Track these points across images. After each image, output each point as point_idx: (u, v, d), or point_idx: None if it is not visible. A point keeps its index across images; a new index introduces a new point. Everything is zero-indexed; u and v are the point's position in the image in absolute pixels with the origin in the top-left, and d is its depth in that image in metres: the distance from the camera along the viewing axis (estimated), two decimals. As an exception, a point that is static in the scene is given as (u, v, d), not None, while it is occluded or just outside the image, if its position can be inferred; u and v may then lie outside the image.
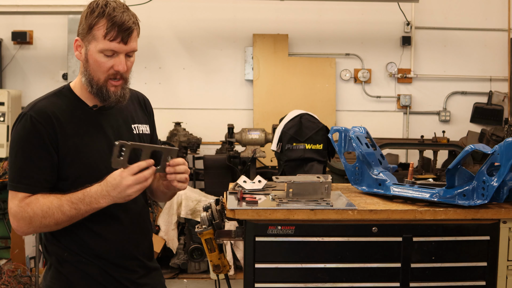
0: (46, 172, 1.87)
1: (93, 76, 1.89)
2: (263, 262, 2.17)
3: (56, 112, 1.88)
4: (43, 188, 1.86)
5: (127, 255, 2.02)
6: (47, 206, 1.82)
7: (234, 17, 6.86)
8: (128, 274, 2.02)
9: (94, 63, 1.88)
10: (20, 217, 1.83)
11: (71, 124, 1.90)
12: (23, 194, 1.84)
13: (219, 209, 2.41)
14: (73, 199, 1.82)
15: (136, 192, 1.81)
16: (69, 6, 5.85)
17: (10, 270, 4.71)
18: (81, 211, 1.82)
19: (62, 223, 1.84)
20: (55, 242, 1.95)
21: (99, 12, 1.83)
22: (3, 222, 5.46)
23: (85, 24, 1.86)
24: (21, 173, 1.85)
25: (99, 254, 1.96)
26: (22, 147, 1.86)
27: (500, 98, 6.84)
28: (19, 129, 1.87)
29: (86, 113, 1.95)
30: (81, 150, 1.90)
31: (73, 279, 1.94)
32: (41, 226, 1.84)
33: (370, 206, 2.24)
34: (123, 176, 1.78)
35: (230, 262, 5.15)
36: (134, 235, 2.05)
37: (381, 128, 6.75)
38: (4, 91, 6.20)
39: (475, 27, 6.89)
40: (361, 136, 2.59)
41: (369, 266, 2.19)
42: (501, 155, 2.10)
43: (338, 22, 6.88)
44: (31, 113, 1.87)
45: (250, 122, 6.85)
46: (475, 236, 2.21)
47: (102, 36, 1.83)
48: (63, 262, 1.95)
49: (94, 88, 1.90)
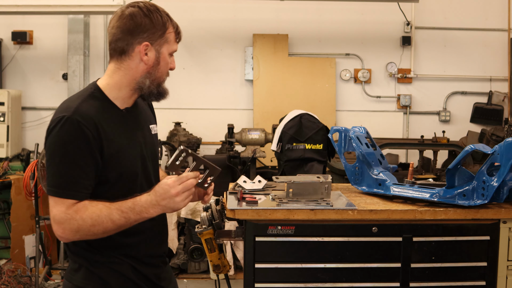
0: (91, 178, 1.85)
1: (160, 77, 1.97)
2: (263, 262, 2.17)
3: (98, 116, 1.87)
4: (87, 195, 1.84)
5: (155, 252, 2.08)
6: (97, 215, 1.80)
7: (234, 17, 6.86)
8: (155, 270, 2.08)
9: (164, 64, 1.97)
10: (67, 225, 1.80)
11: (109, 127, 1.90)
12: (70, 201, 1.81)
13: (219, 209, 2.41)
14: (123, 208, 1.82)
15: (184, 200, 1.84)
16: (69, 6, 5.85)
17: (10, 270, 4.70)
18: (130, 220, 1.83)
19: (110, 231, 1.84)
20: (85, 246, 1.94)
21: (164, 17, 1.96)
22: (3, 222, 5.46)
23: (155, 29, 1.93)
24: (68, 179, 1.81)
25: (131, 254, 1.99)
26: (68, 152, 1.81)
27: (500, 98, 6.84)
28: (64, 133, 1.82)
29: (118, 115, 1.96)
30: (121, 154, 1.91)
31: (107, 278, 1.95)
32: (89, 234, 1.82)
33: (370, 206, 2.24)
34: (171, 185, 1.82)
35: (230, 262, 5.14)
36: (160, 233, 2.11)
37: (381, 128, 6.75)
38: (4, 91, 6.20)
39: (475, 27, 6.89)
40: (361, 136, 2.59)
41: (369, 266, 2.19)
42: (501, 155, 2.10)
43: (338, 22, 6.88)
44: (76, 117, 1.82)
45: (250, 122, 6.85)
46: (475, 236, 2.21)
47: (173, 39, 1.98)
48: (94, 263, 1.95)
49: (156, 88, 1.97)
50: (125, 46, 1.92)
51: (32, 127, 6.84)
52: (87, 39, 6.66)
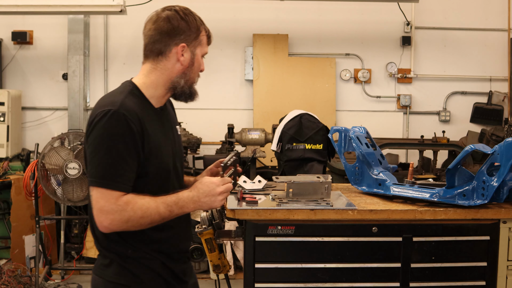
0: (134, 171, 1.92)
1: (193, 77, 2.10)
2: (263, 262, 2.17)
3: (140, 111, 1.95)
4: (131, 187, 1.91)
5: (183, 247, 2.15)
6: (146, 207, 1.88)
7: (234, 17, 6.86)
8: (182, 265, 2.14)
9: (198, 65, 2.10)
10: (117, 216, 1.86)
11: (148, 123, 1.97)
12: (118, 193, 1.87)
13: (219, 209, 2.41)
14: (168, 202, 1.91)
15: (223, 200, 1.97)
16: (69, 6, 5.84)
17: (10, 270, 4.70)
18: (173, 214, 1.92)
19: (154, 223, 1.91)
20: (119, 240, 1.99)
21: (198, 20, 2.08)
22: (3, 222, 5.46)
23: (191, 31, 2.05)
24: (115, 171, 1.87)
25: (161, 248, 2.04)
26: (115, 145, 1.87)
27: (500, 98, 6.84)
28: (110, 126, 1.87)
29: (154, 113, 2.04)
30: (158, 149, 1.99)
31: (138, 273, 2.01)
32: (136, 225, 1.89)
33: (370, 206, 2.24)
34: (216, 184, 1.95)
35: (230, 262, 5.14)
36: (186, 231, 2.18)
37: (381, 128, 6.75)
38: (4, 91, 6.20)
39: (475, 27, 6.89)
40: (361, 136, 2.59)
41: (369, 266, 2.19)
42: (501, 155, 2.11)
43: (338, 22, 6.88)
44: (123, 111, 1.89)
45: (250, 122, 6.85)
46: (475, 236, 2.21)
47: (206, 42, 2.11)
48: (126, 258, 2.01)
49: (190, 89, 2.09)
50: (162, 47, 2.02)
51: (32, 127, 6.84)
52: (87, 39, 6.66)
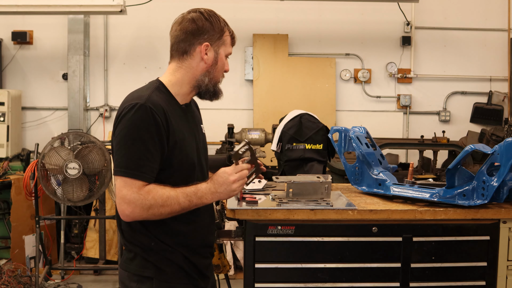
0: (158, 162, 1.98)
1: (217, 76, 2.16)
2: (263, 262, 2.17)
3: (165, 106, 2.02)
4: (154, 178, 1.97)
5: (206, 242, 2.17)
6: (166, 196, 1.94)
7: (234, 17, 6.85)
8: (203, 259, 2.16)
9: (221, 65, 2.17)
10: (139, 204, 1.92)
11: (174, 118, 2.05)
12: (142, 182, 1.93)
13: (219, 209, 2.41)
14: (187, 192, 1.97)
15: (239, 187, 2.00)
16: (69, 6, 5.84)
17: (10, 270, 4.70)
18: (192, 204, 1.97)
19: (174, 213, 1.97)
20: (144, 232, 2.04)
21: (222, 22, 2.14)
22: (3, 222, 5.46)
23: (215, 31, 2.12)
24: (139, 162, 1.94)
25: (184, 241, 2.08)
26: (141, 136, 1.94)
27: (500, 98, 6.84)
28: (137, 118, 1.95)
29: (179, 110, 2.12)
30: (183, 143, 2.06)
31: (161, 266, 2.06)
32: (156, 214, 1.95)
33: (370, 206, 2.24)
34: (229, 173, 1.99)
35: (230, 262, 5.14)
36: (211, 224, 2.21)
37: (381, 128, 6.75)
38: (4, 91, 6.20)
39: (475, 27, 6.89)
40: (361, 136, 2.59)
41: (369, 266, 2.19)
42: (501, 155, 2.11)
43: (338, 22, 6.88)
44: (148, 104, 1.97)
45: (250, 122, 6.85)
46: (475, 236, 2.21)
47: (229, 42, 2.18)
48: (149, 251, 2.05)
49: (213, 87, 2.15)
50: (187, 47, 2.11)
51: (32, 127, 6.84)
52: (87, 39, 6.66)
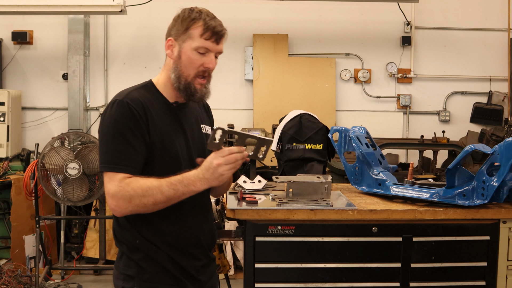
0: (141, 154, 1.98)
1: (184, 72, 2.05)
2: (263, 262, 2.17)
3: (146, 102, 2.02)
4: (138, 170, 1.96)
5: (194, 242, 2.11)
6: (147, 186, 1.91)
7: (234, 17, 6.85)
8: (193, 261, 2.10)
9: (187, 59, 2.04)
10: (120, 196, 1.91)
11: (157, 115, 2.03)
12: (123, 175, 1.93)
13: (219, 209, 2.41)
14: (172, 180, 1.92)
15: (227, 171, 1.91)
16: (69, 6, 5.84)
17: (10, 270, 4.71)
18: (178, 192, 1.92)
19: (159, 203, 1.92)
20: (129, 228, 2.04)
21: (195, 16, 2.05)
22: (3, 222, 5.46)
23: (181, 26, 2.05)
24: (120, 155, 1.94)
25: (170, 240, 2.05)
26: (120, 131, 1.95)
27: (500, 98, 6.84)
28: (115, 114, 1.97)
29: (168, 108, 2.09)
30: (166, 140, 2.03)
31: (143, 265, 2.04)
32: (140, 205, 1.91)
33: (370, 206, 2.24)
34: (213, 157, 1.92)
35: (230, 262, 5.14)
36: (201, 223, 2.14)
37: (381, 128, 6.75)
38: (4, 91, 6.20)
39: (475, 27, 6.89)
40: (361, 136, 2.59)
41: (369, 266, 2.19)
42: (501, 155, 2.11)
43: (338, 22, 6.88)
44: (126, 100, 1.98)
45: (250, 122, 6.85)
46: (475, 236, 2.21)
47: (198, 35, 2.03)
48: (134, 249, 2.04)
49: (182, 84, 2.06)
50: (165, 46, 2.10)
51: (32, 127, 6.83)
52: (87, 39, 6.66)
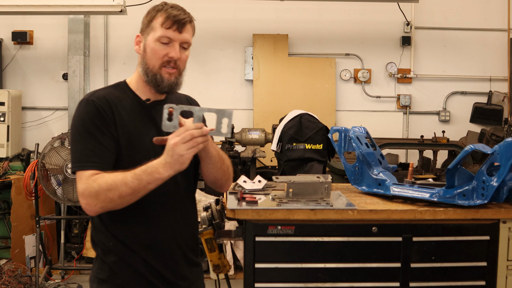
0: (111, 150, 1.95)
1: (149, 64, 2.02)
2: (263, 262, 2.17)
3: (114, 101, 2.01)
4: (107, 166, 1.92)
5: (170, 244, 2.05)
6: (112, 179, 1.86)
7: (234, 17, 6.86)
8: (171, 264, 2.05)
9: (150, 51, 2.01)
10: (87, 193, 1.87)
11: (127, 113, 2.01)
12: (91, 172, 1.90)
13: (219, 209, 2.41)
14: (137, 171, 1.86)
15: (185, 150, 1.80)
16: (69, 6, 5.84)
17: (10, 270, 4.71)
18: (143, 182, 1.84)
19: (126, 196, 1.85)
20: (103, 230, 2.01)
21: (158, 8, 2.03)
22: (3, 222, 5.46)
23: (146, 20, 2.04)
24: (88, 153, 1.92)
25: (143, 243, 2.00)
26: (87, 129, 1.94)
27: (500, 98, 6.84)
28: (81, 113, 1.97)
29: (140, 106, 2.06)
30: (135, 139, 1.99)
31: (115, 269, 2.00)
32: (106, 199, 1.86)
33: (370, 206, 2.24)
34: (170, 138, 1.82)
35: (230, 262, 5.15)
36: (177, 225, 2.07)
37: (381, 128, 6.75)
38: (4, 91, 6.20)
39: (475, 27, 6.89)
40: (361, 136, 2.59)
41: (369, 266, 2.19)
42: (500, 155, 2.11)
43: (338, 22, 6.88)
44: (92, 98, 1.98)
45: (250, 122, 6.85)
46: (475, 236, 2.21)
47: (159, 25, 2.00)
48: (107, 252, 2.01)
49: (150, 76, 2.02)
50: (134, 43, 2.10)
51: (32, 127, 6.84)
52: (87, 39, 6.66)
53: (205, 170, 2.07)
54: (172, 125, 1.83)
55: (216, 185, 2.18)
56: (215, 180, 2.14)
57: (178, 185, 2.06)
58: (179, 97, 2.22)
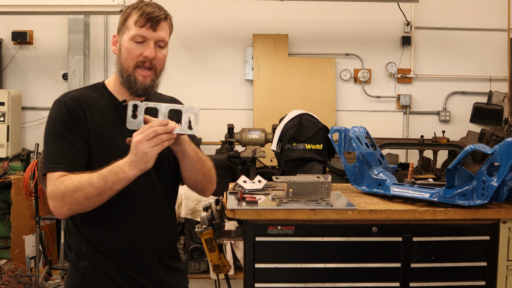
0: (82, 152, 1.90)
1: (124, 64, 1.96)
2: (263, 262, 2.17)
3: (87, 101, 1.96)
4: (77, 167, 1.87)
5: (145, 249, 2.00)
6: (78, 180, 1.81)
7: (234, 17, 6.86)
8: (146, 270, 2.00)
9: (125, 51, 1.96)
10: (54, 195, 1.83)
11: (100, 115, 1.96)
12: (59, 173, 1.85)
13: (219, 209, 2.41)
14: (102, 171, 1.80)
15: (149, 148, 1.74)
16: (69, 6, 5.85)
17: (10, 270, 4.71)
18: (108, 182, 1.78)
19: (92, 197, 1.80)
20: (76, 235, 1.97)
21: (133, 7, 1.98)
22: (3, 222, 5.46)
23: (121, 18, 1.99)
24: (57, 154, 1.88)
25: (116, 248, 1.95)
26: (57, 130, 1.91)
27: (500, 98, 6.84)
28: (53, 114, 1.94)
29: (116, 107, 2.01)
30: (107, 141, 1.94)
31: (88, 275, 1.96)
32: (73, 201, 1.80)
33: (370, 206, 2.24)
34: (133, 136, 1.76)
35: (230, 262, 5.14)
36: (153, 230, 2.02)
37: (381, 128, 6.75)
38: (4, 91, 6.20)
39: (475, 27, 6.89)
40: (361, 136, 2.59)
41: (369, 266, 2.19)
42: (501, 155, 2.10)
43: (338, 22, 6.88)
44: (64, 99, 1.95)
45: (250, 122, 6.85)
46: (475, 236, 2.21)
47: (133, 23, 1.94)
48: (80, 257, 1.97)
49: (124, 77, 1.97)
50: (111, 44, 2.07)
51: (32, 127, 6.84)
52: (87, 39, 6.66)
53: (184, 172, 2.02)
54: (137, 122, 1.78)
55: (197, 188, 2.12)
56: (196, 183, 2.08)
57: (155, 190, 2.01)
58: (163, 98, 2.14)
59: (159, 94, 2.15)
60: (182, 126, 1.81)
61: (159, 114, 1.81)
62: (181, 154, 1.94)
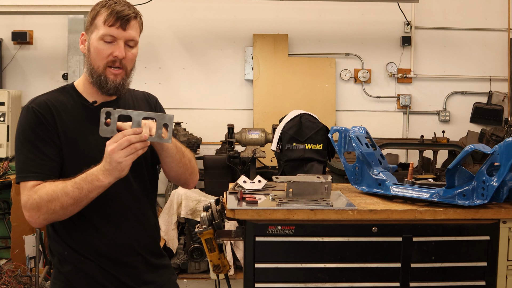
0: (54, 159, 1.88)
1: (93, 64, 1.92)
2: (263, 262, 2.17)
3: (56, 105, 1.93)
4: (50, 175, 1.85)
5: (127, 250, 2.00)
6: (52, 190, 1.79)
7: (234, 17, 6.86)
8: (130, 270, 2.00)
9: (94, 50, 1.91)
10: (29, 206, 1.81)
11: (70, 118, 1.93)
12: (32, 183, 1.83)
13: (219, 209, 2.41)
14: (77, 179, 1.78)
15: (123, 157, 1.72)
16: (69, 6, 5.85)
17: (10, 270, 4.71)
18: (83, 191, 1.77)
19: (67, 206, 1.79)
20: (57, 240, 1.95)
21: (101, 5, 1.92)
22: (3, 222, 5.46)
23: (89, 17, 1.94)
24: (29, 162, 1.85)
25: (99, 250, 1.95)
26: (27, 138, 1.88)
27: (500, 98, 6.84)
28: (22, 121, 1.91)
29: (86, 109, 1.97)
30: (79, 144, 1.91)
31: (72, 279, 1.95)
32: (49, 211, 1.79)
33: (370, 206, 2.24)
34: (107, 145, 1.73)
35: (230, 262, 5.15)
36: (134, 230, 2.02)
37: (381, 128, 6.75)
38: (4, 91, 6.19)
39: (475, 27, 6.89)
40: (361, 136, 2.59)
41: (369, 266, 2.19)
42: (501, 155, 2.10)
43: (338, 22, 6.88)
44: (32, 105, 1.91)
45: (250, 122, 6.85)
46: (475, 236, 2.21)
47: (102, 22, 1.89)
48: (63, 261, 1.96)
49: (94, 77, 1.93)
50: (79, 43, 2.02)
51: (32, 127, 6.84)
52: (87, 39, 6.66)
53: (164, 165, 2.00)
54: (110, 130, 1.75)
55: (180, 181, 2.10)
56: (178, 175, 2.06)
57: (134, 190, 2.00)
58: (136, 95, 2.12)
59: (132, 90, 2.12)
60: (156, 133, 1.79)
61: (132, 122, 1.78)
62: (159, 146, 1.92)
